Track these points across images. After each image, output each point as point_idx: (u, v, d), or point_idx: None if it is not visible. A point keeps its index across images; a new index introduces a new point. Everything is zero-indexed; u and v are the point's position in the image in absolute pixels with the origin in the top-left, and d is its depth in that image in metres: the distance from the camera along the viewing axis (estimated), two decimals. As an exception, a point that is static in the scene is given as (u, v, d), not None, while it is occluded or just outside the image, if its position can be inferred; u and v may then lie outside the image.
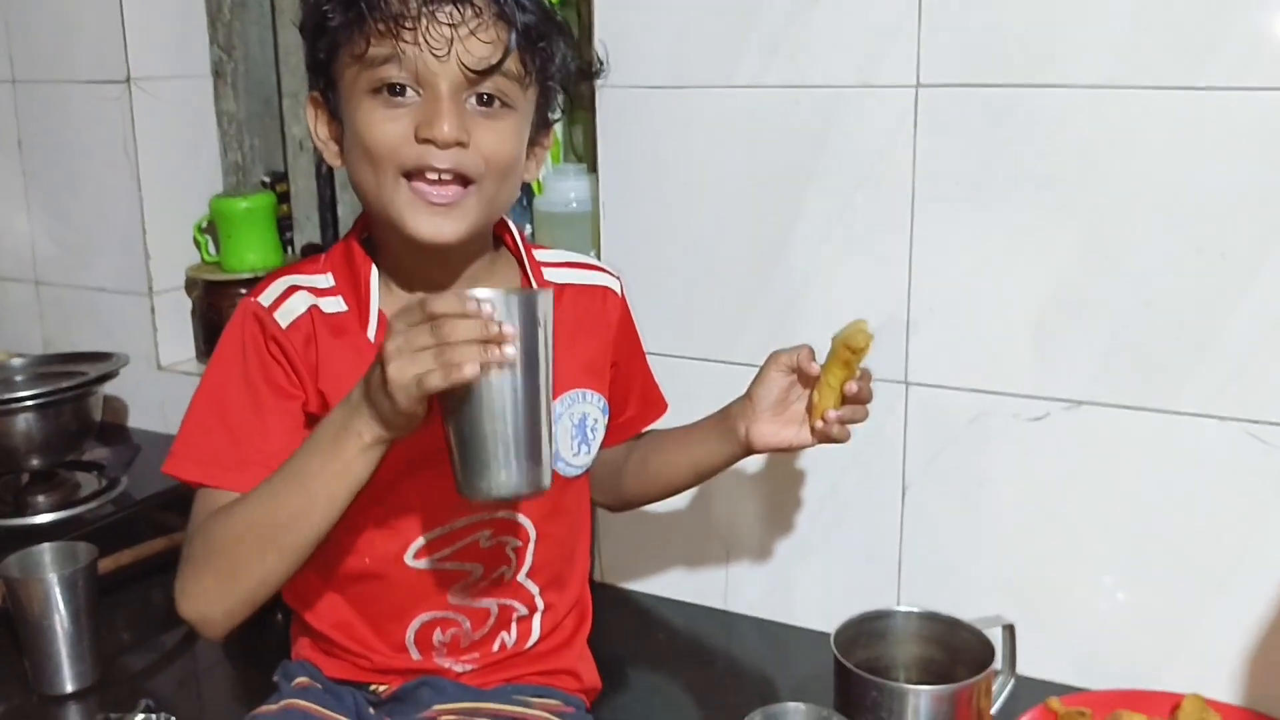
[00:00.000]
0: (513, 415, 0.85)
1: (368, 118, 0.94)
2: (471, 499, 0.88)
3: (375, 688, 1.07)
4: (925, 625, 1.13)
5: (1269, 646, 1.16)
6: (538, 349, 0.86)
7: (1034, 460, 1.23)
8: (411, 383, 0.82)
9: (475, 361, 0.81)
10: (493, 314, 0.82)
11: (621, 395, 1.16)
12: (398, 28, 0.91)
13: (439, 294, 0.84)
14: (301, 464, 0.92)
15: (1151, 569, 1.20)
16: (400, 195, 0.94)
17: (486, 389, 0.84)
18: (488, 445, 0.85)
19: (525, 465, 0.87)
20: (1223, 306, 1.12)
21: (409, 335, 0.83)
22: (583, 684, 1.13)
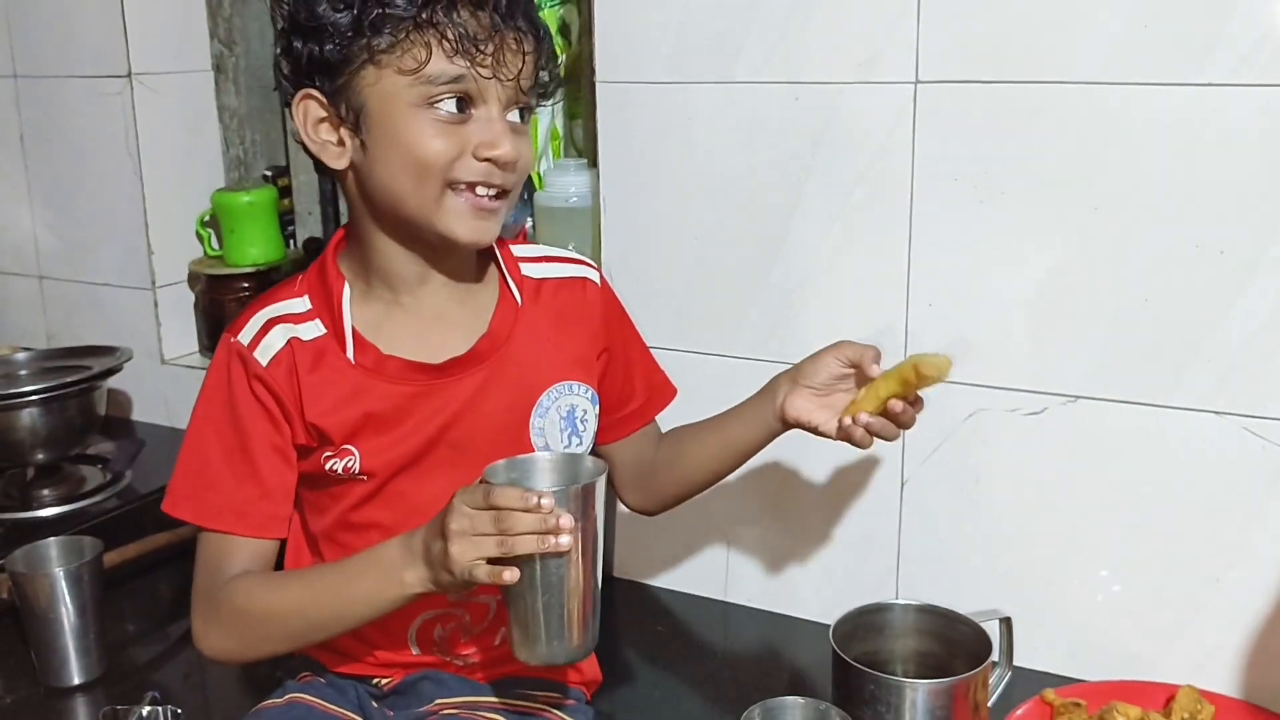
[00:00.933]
0: (566, 595, 0.89)
1: (420, 130, 0.94)
2: (526, 663, 0.93)
3: (378, 681, 1.08)
4: (923, 619, 1.14)
5: (1263, 639, 1.17)
6: (593, 530, 0.90)
7: (1031, 454, 1.23)
8: (470, 565, 0.87)
9: (528, 551, 0.86)
10: (552, 507, 0.86)
11: (624, 383, 1.16)
12: (473, 48, 0.93)
13: (500, 486, 0.87)
14: (344, 585, 0.96)
15: (1147, 562, 1.21)
16: (448, 204, 0.97)
17: (544, 571, 0.88)
18: (541, 621, 0.90)
19: (575, 637, 0.91)
20: (1220, 302, 1.13)
21: (474, 520, 0.87)
22: (583, 676, 1.15)
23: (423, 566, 0.91)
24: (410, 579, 0.91)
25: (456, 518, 0.87)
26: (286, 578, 1.02)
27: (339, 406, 1.01)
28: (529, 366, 1.06)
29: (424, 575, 0.91)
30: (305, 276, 1.06)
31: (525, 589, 0.88)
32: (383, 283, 1.03)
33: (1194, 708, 1.13)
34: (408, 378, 1.02)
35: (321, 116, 0.98)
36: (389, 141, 0.95)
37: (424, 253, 1.02)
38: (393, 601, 0.93)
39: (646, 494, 1.21)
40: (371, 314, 1.03)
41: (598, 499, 0.90)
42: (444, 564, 0.88)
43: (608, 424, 1.16)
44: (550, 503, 0.86)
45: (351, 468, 1.01)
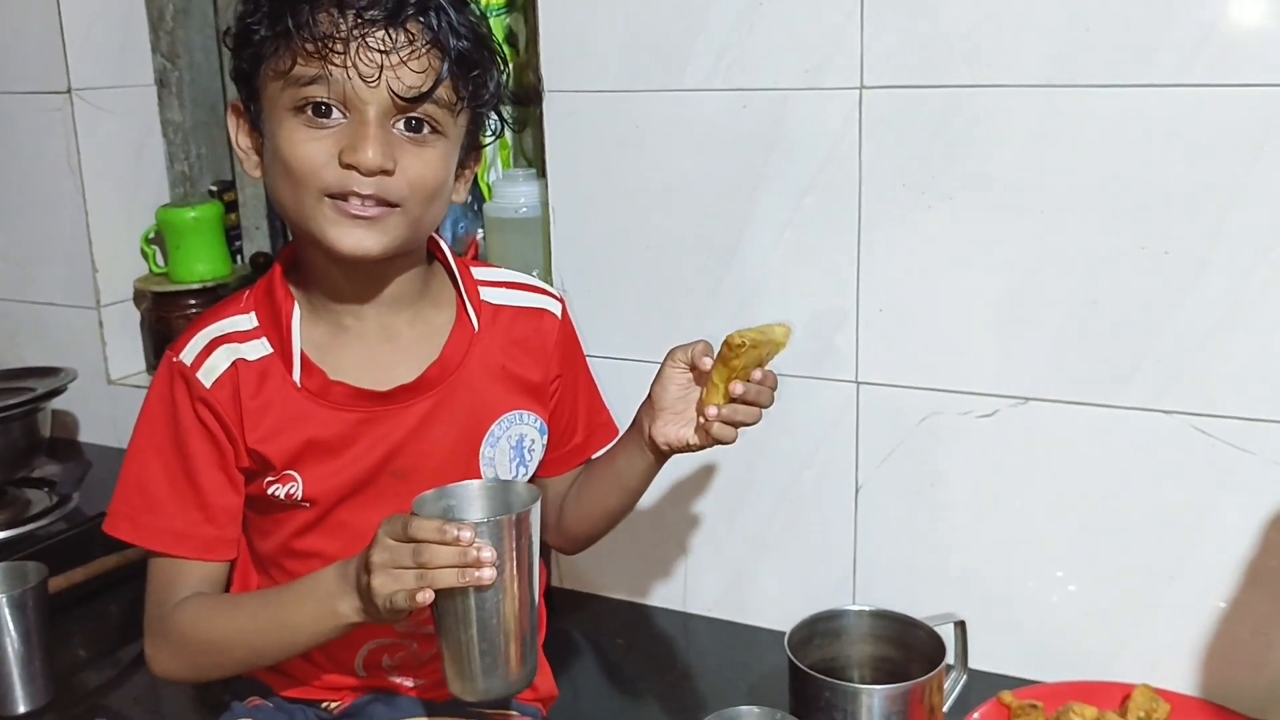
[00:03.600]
0: (498, 629, 0.88)
1: (290, 136, 0.92)
2: (461, 699, 0.91)
3: (326, 704, 1.06)
4: (878, 624, 1.14)
5: (1217, 636, 1.18)
6: (524, 562, 0.88)
7: (985, 457, 1.24)
8: (389, 598, 0.85)
9: (447, 585, 0.84)
10: (473, 540, 0.85)
11: (567, 420, 1.14)
12: (327, 49, 0.90)
13: (421, 519, 0.86)
14: (284, 613, 0.95)
15: (1101, 562, 1.21)
16: (322, 212, 0.93)
17: (473, 605, 0.86)
18: (475, 656, 0.88)
19: (510, 670, 0.89)
20: (1167, 303, 1.14)
21: (394, 553, 0.85)
22: (539, 693, 1.13)
23: (355, 596, 0.89)
24: (344, 609, 0.90)
25: (378, 550, 0.86)
26: (231, 604, 1.00)
27: (281, 431, 0.98)
28: (482, 394, 1.04)
29: (356, 605, 0.90)
30: (252, 292, 1.03)
31: (455, 623, 0.87)
32: (325, 302, 1.01)
33: (1150, 706, 1.14)
34: (353, 404, 1.00)
35: (244, 127, 0.98)
36: (271, 148, 0.95)
37: (350, 270, 0.99)
38: (332, 630, 0.92)
39: (559, 533, 1.18)
40: (319, 335, 1.01)
41: (532, 527, 0.88)
42: (368, 597, 0.87)
43: (544, 460, 1.13)
44: (470, 535, 0.84)
45: (294, 494, 0.99)
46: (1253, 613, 1.16)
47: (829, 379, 1.30)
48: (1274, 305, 1.10)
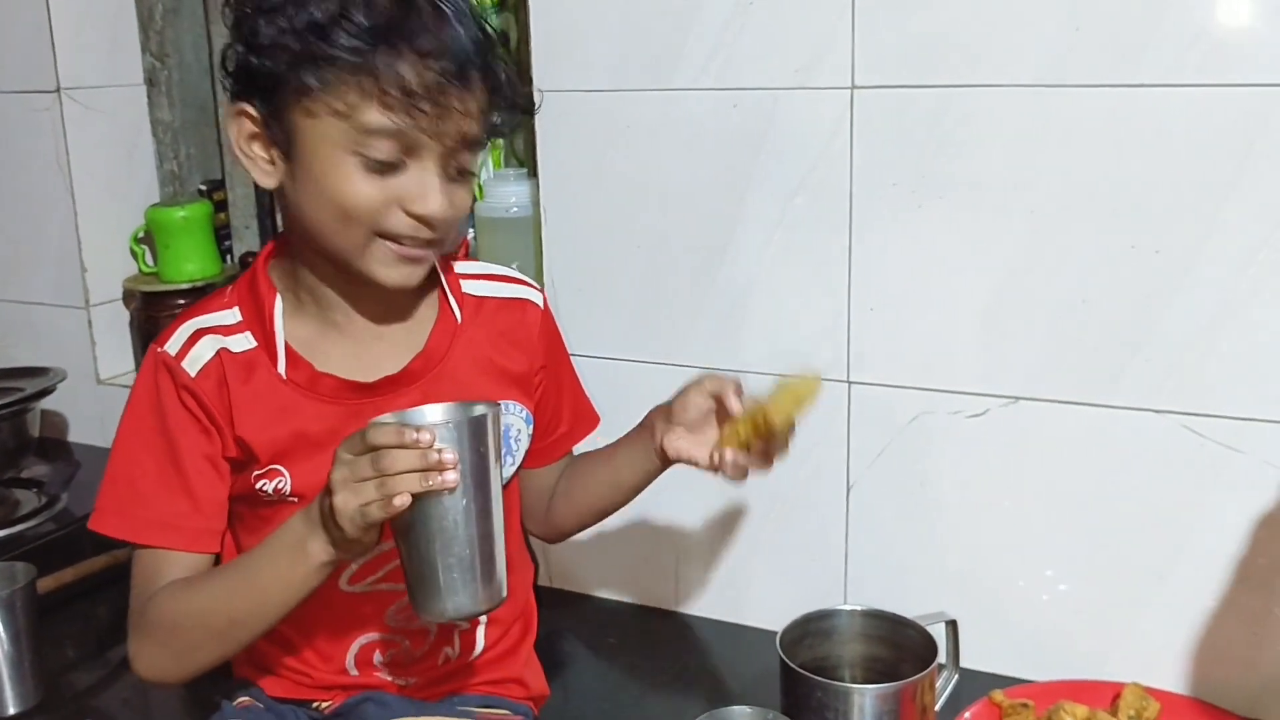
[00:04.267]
0: (464, 540, 0.85)
1: (347, 176, 0.91)
2: (426, 620, 0.90)
3: (318, 705, 1.06)
4: (870, 623, 1.14)
5: (1207, 634, 1.18)
6: (485, 469, 0.86)
7: (975, 457, 1.24)
8: (355, 513, 0.84)
9: (412, 490, 0.82)
10: (432, 442, 0.83)
11: (552, 411, 1.14)
12: (411, 107, 0.89)
13: (378, 425, 0.85)
14: (256, 571, 0.93)
15: (1092, 561, 1.21)
16: (373, 252, 0.94)
17: (435, 515, 0.85)
18: (439, 571, 0.86)
19: (478, 586, 0.87)
20: (1158, 302, 1.14)
21: (352, 466, 0.84)
22: (530, 691, 1.13)
23: (321, 531, 0.88)
24: (314, 549, 0.88)
25: (337, 467, 0.85)
26: (203, 577, 0.98)
27: (269, 424, 0.98)
28: (467, 385, 1.04)
29: (324, 540, 0.88)
30: (235, 288, 1.03)
31: (418, 536, 0.84)
32: (316, 294, 1.01)
33: (1140, 705, 1.14)
34: (341, 397, 0.99)
35: (254, 133, 0.95)
36: (315, 179, 0.92)
37: (349, 279, 0.99)
38: (305, 577, 0.90)
39: (543, 524, 1.18)
40: (304, 328, 1.01)
41: (490, 437, 0.86)
42: (334, 519, 0.85)
43: (530, 450, 1.13)
44: (429, 437, 0.82)
45: (283, 489, 0.99)
46: (1243, 611, 1.16)
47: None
48: (1264, 305, 1.10)
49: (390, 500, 0.82)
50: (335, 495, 0.85)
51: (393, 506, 0.82)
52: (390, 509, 0.82)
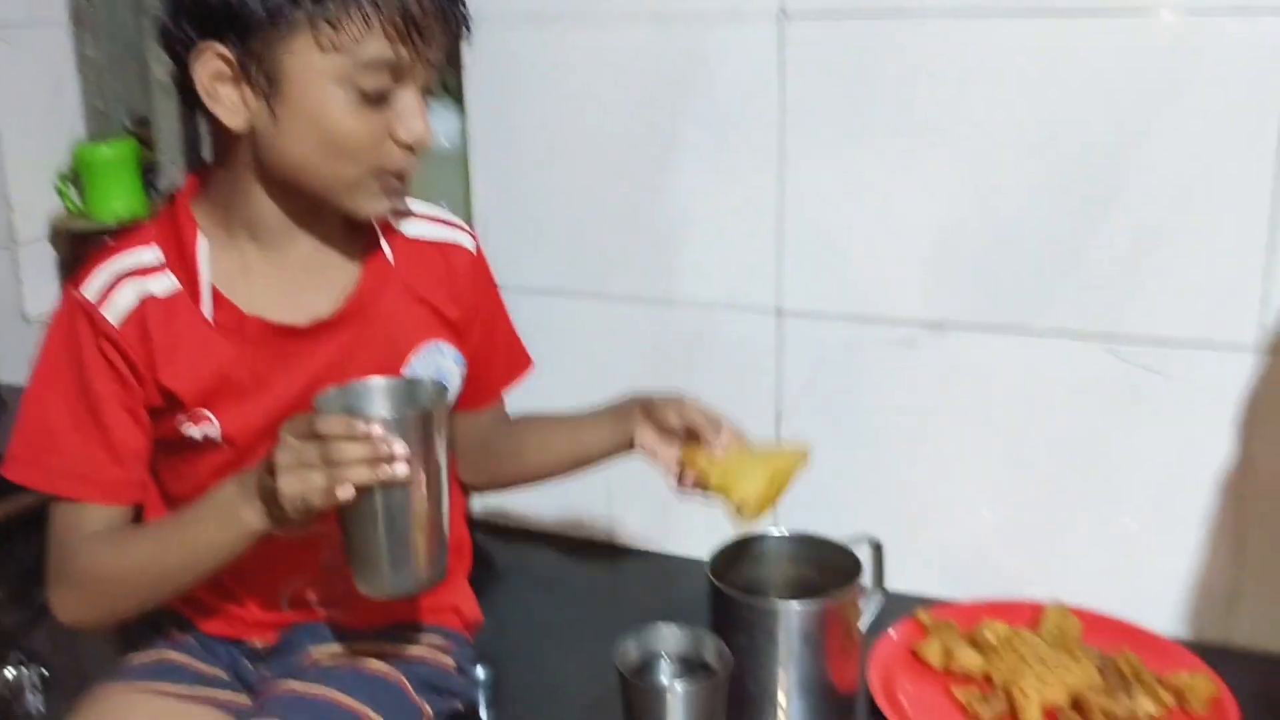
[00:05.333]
0: (408, 524, 0.86)
1: (342, 110, 0.90)
2: (370, 596, 0.90)
3: (251, 642, 1.05)
4: (797, 546, 1.15)
5: (1126, 554, 1.21)
6: (432, 456, 0.86)
7: (903, 385, 1.25)
8: (298, 498, 0.84)
9: (360, 482, 0.82)
10: (383, 434, 0.83)
11: (485, 353, 1.12)
12: (413, 33, 0.89)
13: (327, 415, 0.84)
14: (187, 532, 0.92)
15: (1016, 485, 1.23)
16: (368, 187, 0.94)
17: (382, 503, 0.85)
18: (383, 552, 0.86)
19: (420, 566, 0.88)
20: (1083, 230, 1.15)
21: (299, 452, 0.84)
22: (465, 618, 1.13)
23: (259, 504, 0.87)
24: (249, 517, 0.88)
25: (283, 450, 0.84)
26: (132, 534, 0.97)
27: (194, 369, 0.96)
28: (398, 327, 1.02)
29: (261, 512, 0.88)
30: (154, 225, 1.00)
31: (366, 521, 0.85)
32: (247, 233, 0.98)
33: (1062, 623, 1.17)
34: (269, 341, 0.97)
35: (224, 73, 0.91)
36: (305, 117, 0.90)
37: (300, 208, 0.97)
38: (237, 542, 0.90)
39: (480, 472, 1.17)
40: (231, 267, 0.98)
41: (437, 426, 0.86)
42: (276, 500, 0.85)
43: (466, 394, 1.12)
44: (380, 430, 0.82)
45: (210, 434, 0.97)
46: (1162, 531, 1.19)
47: (751, 308, 1.31)
48: (1186, 231, 1.12)
49: (335, 490, 0.82)
50: (279, 478, 0.84)
51: (337, 498, 0.83)
52: (335, 500, 0.83)
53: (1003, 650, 1.13)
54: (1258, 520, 1.15)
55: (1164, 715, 1.05)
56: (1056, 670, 1.09)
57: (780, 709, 1.05)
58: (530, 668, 1.22)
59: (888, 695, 1.09)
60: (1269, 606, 1.17)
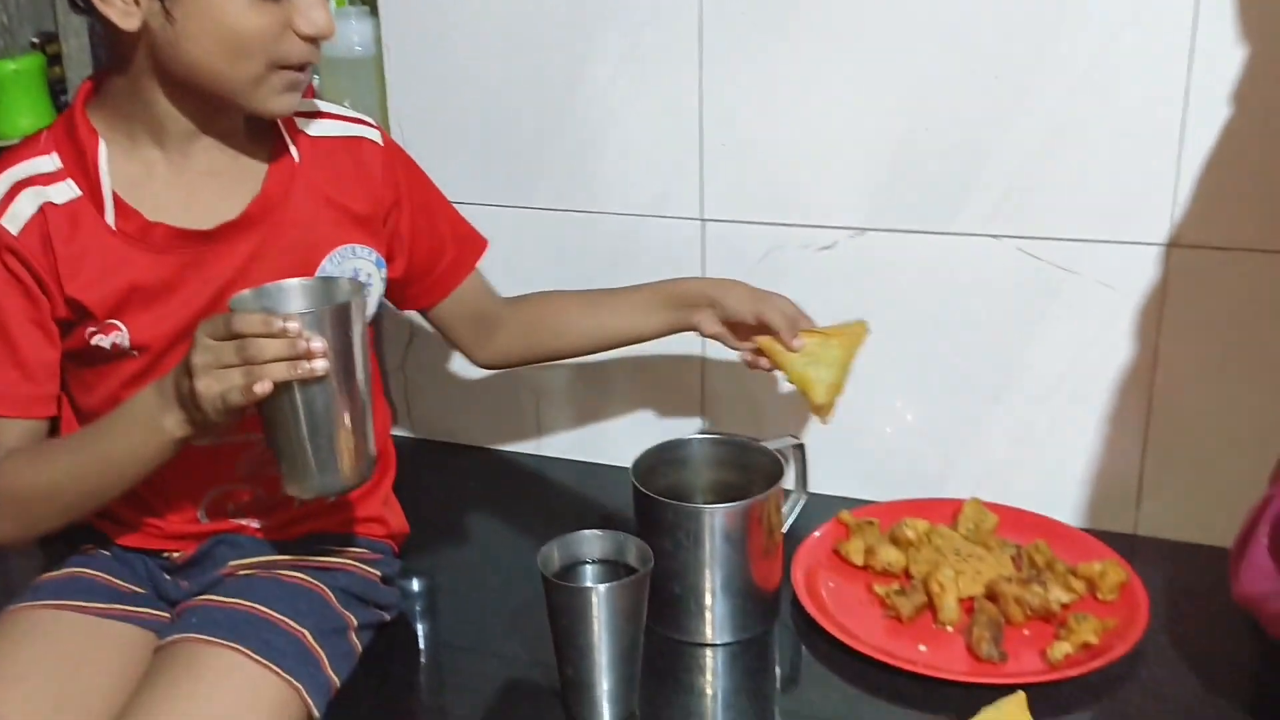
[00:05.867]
0: (332, 422, 0.86)
1: (241, 5, 0.89)
2: (297, 498, 0.90)
3: (169, 554, 1.04)
4: (720, 450, 1.16)
5: (1041, 451, 1.24)
6: (351, 352, 0.86)
7: (825, 288, 1.25)
8: (217, 399, 0.83)
9: (279, 379, 0.82)
10: (300, 331, 0.82)
11: (432, 239, 1.12)
12: None
13: (243, 313, 0.83)
14: (107, 444, 0.92)
15: (934, 386, 1.25)
16: (270, 83, 0.93)
17: (303, 401, 0.84)
18: (308, 452, 0.86)
19: (346, 465, 0.88)
20: (995, 129, 1.16)
21: (216, 352, 0.83)
22: (390, 529, 1.14)
23: (178, 409, 0.87)
24: (169, 424, 0.87)
25: (199, 351, 0.83)
26: (51, 449, 0.96)
27: (101, 278, 0.94)
28: (308, 229, 1.01)
29: (181, 418, 0.87)
30: (50, 133, 0.97)
31: (288, 420, 0.85)
32: (149, 138, 0.96)
33: (979, 518, 1.20)
34: (176, 246, 0.96)
35: None
36: (202, 13, 0.89)
37: (203, 109, 0.95)
38: (159, 451, 0.89)
39: (499, 350, 1.20)
40: (133, 173, 0.96)
41: (355, 321, 0.86)
42: (195, 402, 0.84)
43: (427, 285, 1.13)
44: (297, 326, 0.82)
45: (120, 344, 0.96)
46: (1076, 427, 1.22)
47: (674, 217, 1.30)
48: (1095, 128, 1.13)
49: (253, 387, 0.82)
50: (197, 380, 0.83)
51: (255, 395, 0.82)
52: (253, 396, 0.82)
53: (921, 546, 1.16)
54: (1164, 414, 1.18)
55: (1075, 602, 1.08)
56: (972, 563, 1.12)
57: (706, 609, 1.07)
58: (459, 577, 1.22)
59: (810, 592, 1.12)
60: (1173, 497, 1.20)
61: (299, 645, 0.95)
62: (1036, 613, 1.06)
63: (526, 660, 1.06)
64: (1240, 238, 1.11)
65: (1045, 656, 1.01)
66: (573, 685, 0.97)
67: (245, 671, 0.91)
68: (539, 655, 1.04)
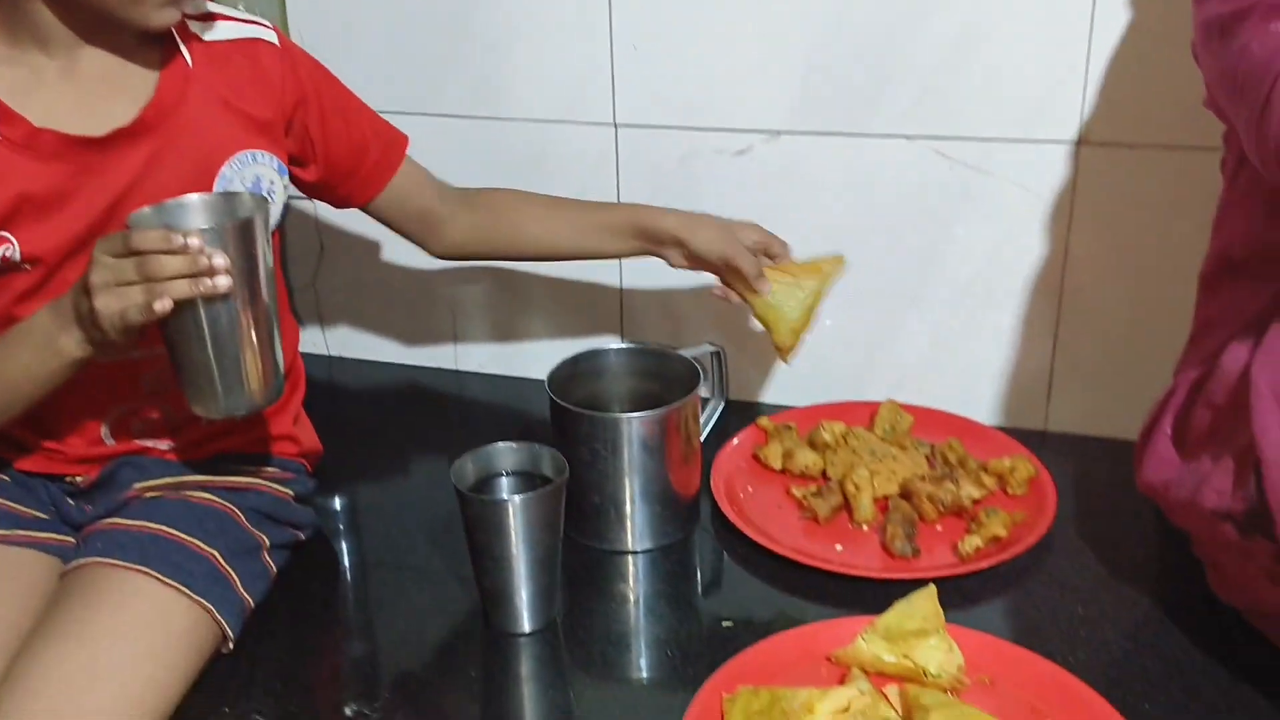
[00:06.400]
0: (237, 341, 0.84)
1: None
2: (205, 417, 0.88)
3: (72, 479, 1.02)
4: (637, 359, 1.15)
5: (955, 351, 1.25)
6: (254, 268, 0.83)
7: (741, 193, 1.25)
8: (117, 317, 0.81)
9: (180, 296, 0.79)
10: (201, 247, 0.79)
11: (351, 137, 1.08)
12: None
13: (142, 229, 0.80)
14: (7, 365, 0.88)
15: (850, 290, 1.25)
16: None
17: (206, 319, 0.82)
18: (214, 372, 0.84)
19: (254, 384, 0.86)
20: (908, 29, 1.14)
21: (115, 269, 0.80)
22: (302, 447, 1.12)
23: (75, 328, 0.84)
24: (66, 344, 0.85)
25: (97, 270, 0.81)
26: None
27: None
28: (206, 135, 0.97)
29: (79, 337, 0.85)
30: None
31: (191, 339, 0.83)
32: (35, 45, 0.91)
33: (895, 419, 1.21)
34: (66, 154, 0.91)
35: None
36: None
37: (85, 21, 0.91)
38: (56, 371, 0.87)
39: (453, 244, 1.17)
40: (17, 79, 0.91)
41: (259, 237, 0.84)
42: (94, 321, 0.81)
43: (356, 184, 1.10)
44: (198, 242, 0.80)
45: (11, 256, 0.92)
46: (989, 327, 1.23)
47: (586, 123, 1.28)
48: (1006, 27, 1.12)
49: (153, 305, 0.79)
50: (96, 298, 0.80)
51: (155, 312, 0.80)
52: (153, 314, 0.80)
53: (838, 448, 1.17)
54: (1073, 312, 1.20)
55: (986, 497, 1.10)
56: (887, 463, 1.13)
57: (626, 518, 1.08)
58: (377, 494, 1.21)
59: (729, 498, 1.12)
60: (1083, 392, 1.22)
61: (208, 566, 0.93)
62: (949, 509, 1.08)
63: (446, 574, 1.06)
64: (1148, 135, 1.11)
65: (956, 551, 1.03)
66: (492, 597, 0.97)
67: (153, 594, 0.89)
68: (458, 569, 1.04)
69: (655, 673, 0.95)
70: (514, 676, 0.95)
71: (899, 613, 0.91)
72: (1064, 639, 0.94)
